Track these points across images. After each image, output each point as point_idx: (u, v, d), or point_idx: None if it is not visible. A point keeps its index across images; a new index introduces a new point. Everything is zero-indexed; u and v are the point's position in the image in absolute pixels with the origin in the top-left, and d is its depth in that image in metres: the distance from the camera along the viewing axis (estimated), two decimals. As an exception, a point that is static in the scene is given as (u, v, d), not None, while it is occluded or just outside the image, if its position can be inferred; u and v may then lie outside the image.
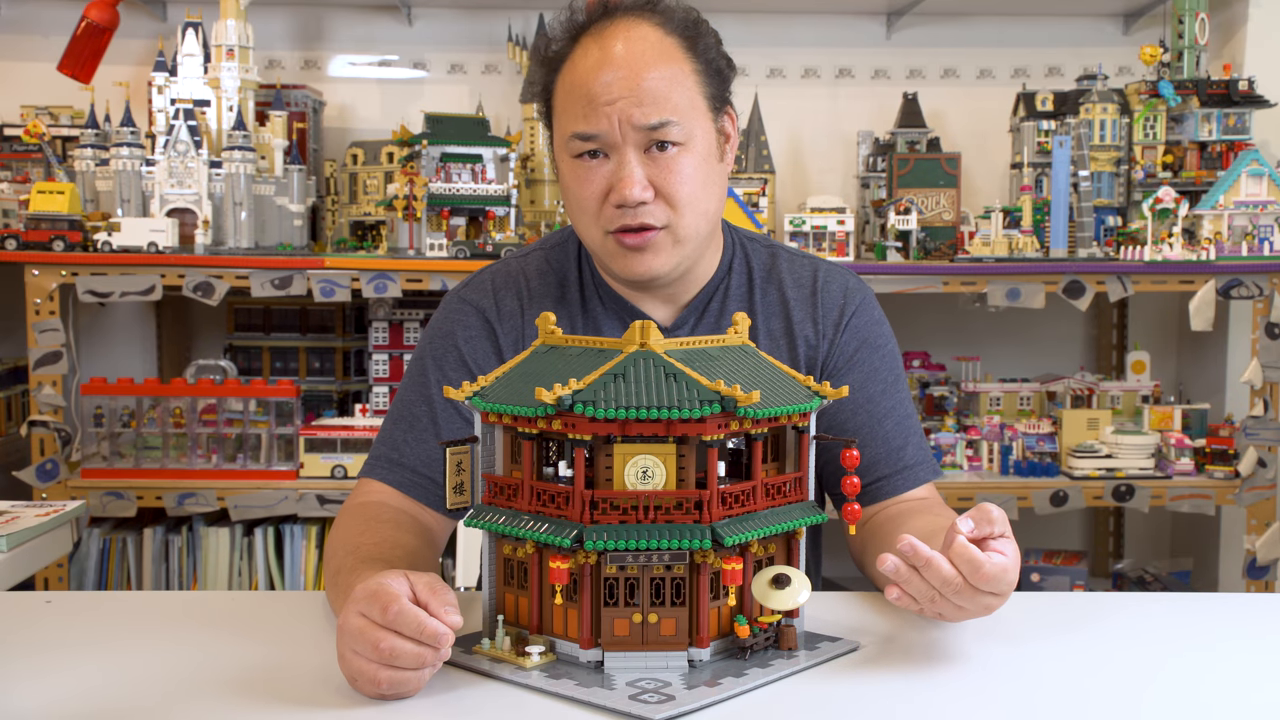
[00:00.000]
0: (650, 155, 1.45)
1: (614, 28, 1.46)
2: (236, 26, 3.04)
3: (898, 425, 1.58)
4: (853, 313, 1.61)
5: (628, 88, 1.42)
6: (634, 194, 1.43)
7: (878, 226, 3.21)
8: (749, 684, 1.07)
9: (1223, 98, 3.14)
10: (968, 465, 3.09)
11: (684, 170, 1.45)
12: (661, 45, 1.45)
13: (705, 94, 1.48)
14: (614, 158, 1.45)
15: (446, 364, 1.58)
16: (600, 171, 1.46)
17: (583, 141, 1.46)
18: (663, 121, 1.43)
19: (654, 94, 1.43)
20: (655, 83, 1.43)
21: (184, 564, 3.08)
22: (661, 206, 1.46)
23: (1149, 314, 3.60)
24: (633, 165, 1.44)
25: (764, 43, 3.54)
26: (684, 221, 1.47)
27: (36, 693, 1.08)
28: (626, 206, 1.44)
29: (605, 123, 1.43)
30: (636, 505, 1.07)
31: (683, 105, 1.45)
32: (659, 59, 1.44)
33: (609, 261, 1.51)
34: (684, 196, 1.46)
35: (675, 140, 1.44)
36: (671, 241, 1.48)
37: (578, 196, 1.49)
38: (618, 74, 1.42)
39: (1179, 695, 1.10)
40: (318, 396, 3.35)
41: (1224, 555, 3.41)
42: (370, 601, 1.07)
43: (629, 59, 1.43)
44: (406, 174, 3.06)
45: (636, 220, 1.45)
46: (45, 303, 2.87)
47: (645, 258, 1.48)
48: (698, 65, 1.48)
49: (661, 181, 1.45)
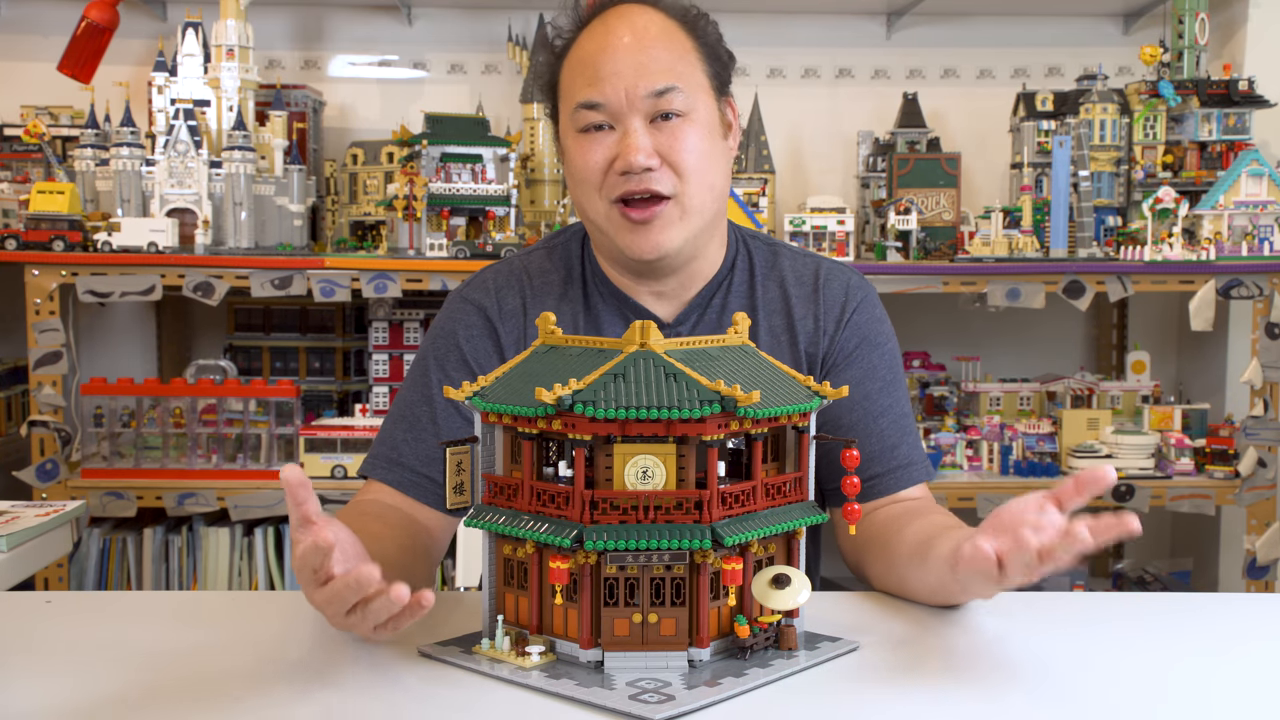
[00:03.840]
0: (656, 125, 1.46)
1: (616, 13, 1.50)
2: (236, 26, 3.04)
3: (893, 424, 1.57)
4: (854, 309, 1.61)
5: (632, 58, 1.45)
6: (640, 159, 1.44)
7: (878, 226, 3.21)
8: (749, 684, 1.07)
9: (1223, 98, 3.14)
10: (968, 465, 3.09)
11: (689, 139, 1.47)
12: (664, 24, 1.50)
13: (707, 72, 1.51)
14: (619, 128, 1.47)
15: (448, 364, 1.58)
16: (605, 142, 1.47)
17: (588, 111, 1.47)
18: (668, 87, 1.45)
19: (658, 62, 1.46)
20: (659, 53, 1.46)
21: (184, 564, 3.08)
22: (668, 174, 1.46)
23: (1149, 314, 3.60)
24: (639, 132, 1.45)
25: (764, 43, 3.54)
26: (690, 191, 1.47)
27: (36, 693, 1.08)
28: (632, 173, 1.45)
29: (611, 91, 1.45)
30: (636, 505, 1.07)
31: (686, 76, 1.47)
32: (662, 34, 1.48)
33: (615, 236, 1.50)
34: (690, 165, 1.47)
35: (679, 110, 1.46)
36: (679, 214, 1.48)
37: (581, 168, 1.49)
38: (623, 46, 1.46)
39: (1179, 695, 1.10)
40: (318, 396, 3.35)
41: (1224, 555, 3.41)
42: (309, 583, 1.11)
43: (633, 34, 1.47)
44: (406, 174, 3.06)
45: (642, 186, 1.45)
46: (45, 303, 2.87)
47: (652, 233, 1.47)
48: (698, 45, 1.51)
49: (667, 149, 1.46)
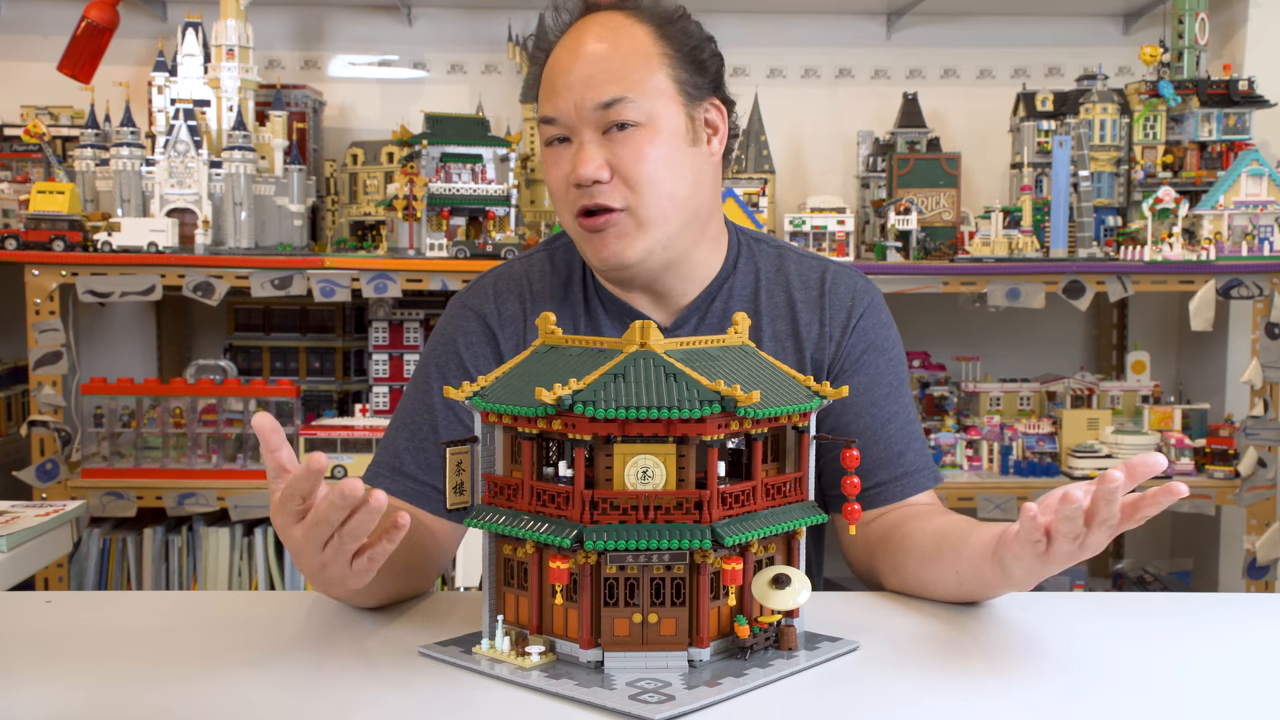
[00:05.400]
0: (609, 136, 1.46)
1: (585, 23, 1.50)
2: (236, 26, 3.04)
3: (900, 430, 1.57)
4: (860, 315, 1.60)
5: (583, 70, 1.45)
6: (586, 172, 1.44)
7: (878, 226, 3.21)
8: (749, 684, 1.07)
9: (1223, 98, 3.14)
10: (968, 465, 3.09)
11: (640, 149, 1.45)
12: (628, 31, 1.48)
13: (674, 78, 1.49)
14: (575, 141, 1.48)
15: (449, 371, 1.57)
16: (565, 155, 1.49)
17: (547, 125, 1.49)
18: (615, 98, 1.44)
19: (608, 74, 1.45)
20: (611, 63, 1.45)
21: (184, 564, 3.08)
22: (619, 187, 1.46)
23: (1149, 314, 3.60)
24: (588, 146, 1.46)
25: (764, 43, 3.54)
26: (644, 202, 1.46)
27: (36, 693, 1.08)
28: (582, 186, 1.45)
29: (563, 104, 1.46)
30: (636, 505, 1.07)
31: (641, 84, 1.46)
32: (620, 42, 1.47)
33: (581, 248, 1.53)
34: (641, 176, 1.45)
35: (632, 120, 1.45)
36: (634, 225, 1.47)
37: (550, 182, 1.52)
38: (578, 59, 1.46)
39: (1179, 695, 1.10)
40: (318, 396, 3.35)
41: (1224, 555, 3.41)
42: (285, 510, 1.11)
43: (592, 45, 1.47)
44: (406, 174, 3.06)
45: (592, 200, 1.46)
46: (45, 303, 2.87)
47: (608, 242, 1.48)
48: (668, 50, 1.49)
49: (618, 161, 1.46)
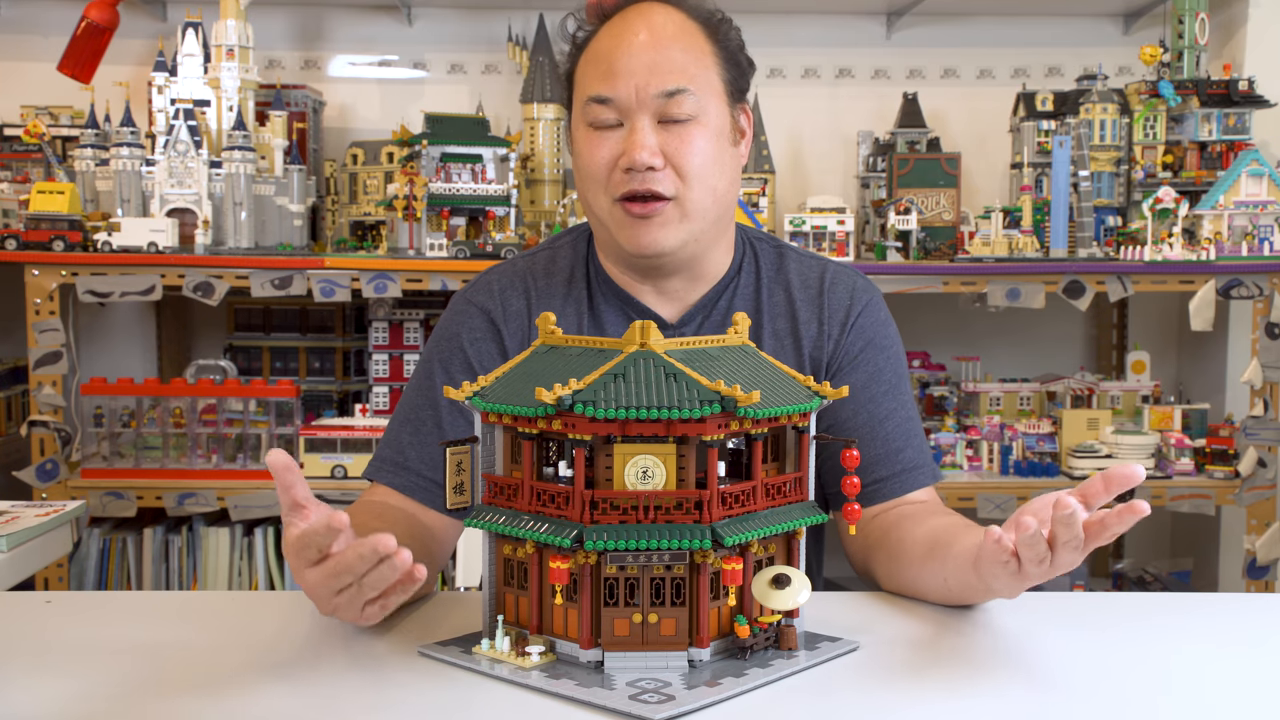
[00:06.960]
0: (664, 126, 1.47)
1: (638, 10, 1.50)
2: (236, 26, 3.04)
3: (899, 427, 1.57)
4: (859, 313, 1.60)
5: (647, 57, 1.45)
6: (643, 157, 1.44)
7: (878, 226, 3.21)
8: (749, 684, 1.07)
9: (1223, 98, 3.14)
10: (968, 465, 3.09)
11: (696, 143, 1.47)
12: (684, 25, 1.50)
13: (723, 78, 1.51)
14: (627, 125, 1.47)
15: (452, 367, 1.58)
16: (613, 139, 1.48)
17: (599, 105, 1.47)
18: (679, 89, 1.45)
19: (672, 64, 1.46)
20: (674, 54, 1.46)
21: (184, 564, 3.08)
22: (671, 176, 1.47)
23: (1149, 314, 3.60)
24: (645, 131, 1.45)
25: (764, 43, 3.54)
26: (692, 195, 1.48)
27: (36, 693, 1.08)
28: (635, 171, 1.45)
29: (622, 87, 1.45)
30: (636, 505, 1.07)
31: (699, 80, 1.47)
32: (680, 35, 1.48)
33: (616, 232, 1.51)
34: (694, 169, 1.47)
35: (689, 113, 1.46)
36: (679, 215, 1.48)
37: (588, 163, 1.50)
38: (639, 44, 1.46)
39: (1178, 695, 1.10)
40: (318, 396, 3.35)
41: (1224, 555, 3.41)
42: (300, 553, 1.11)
43: (651, 32, 1.47)
44: (406, 174, 3.06)
45: (644, 185, 1.46)
46: (45, 303, 2.87)
47: (652, 229, 1.48)
48: (717, 50, 1.51)
49: (672, 151, 1.46)
